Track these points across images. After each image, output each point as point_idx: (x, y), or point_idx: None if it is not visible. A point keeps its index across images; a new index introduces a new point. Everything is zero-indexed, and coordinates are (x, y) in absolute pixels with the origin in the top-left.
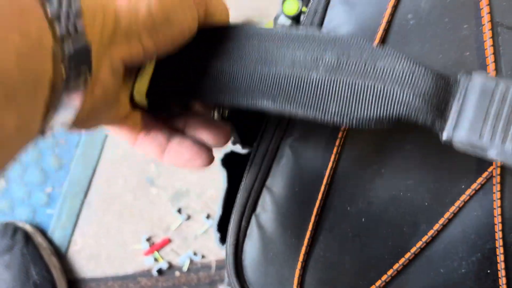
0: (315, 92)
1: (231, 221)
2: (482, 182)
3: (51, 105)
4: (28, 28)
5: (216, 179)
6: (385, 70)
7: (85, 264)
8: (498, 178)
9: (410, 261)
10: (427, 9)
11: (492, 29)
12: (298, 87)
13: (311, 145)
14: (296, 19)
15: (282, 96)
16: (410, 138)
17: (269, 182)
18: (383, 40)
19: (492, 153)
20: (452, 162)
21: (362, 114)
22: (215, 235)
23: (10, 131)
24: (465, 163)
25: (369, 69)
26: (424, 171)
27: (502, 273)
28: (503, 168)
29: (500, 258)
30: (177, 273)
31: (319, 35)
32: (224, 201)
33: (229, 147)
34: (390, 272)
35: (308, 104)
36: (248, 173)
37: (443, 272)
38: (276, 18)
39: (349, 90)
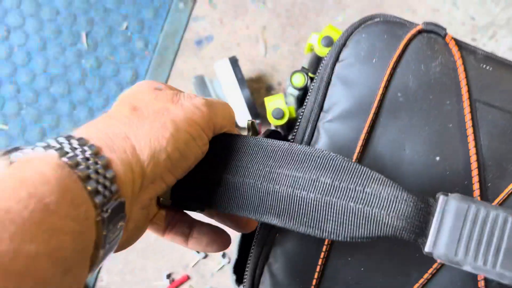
0: (312, 212)
1: (247, 269)
2: None
3: (95, 257)
4: (78, 212)
5: None
6: (373, 195)
7: None
8: None
9: None
10: (414, 88)
11: (471, 104)
12: (298, 207)
13: None
14: (303, 89)
15: (285, 214)
16: None
17: (279, 236)
18: (376, 115)
19: (467, 268)
20: None
21: (354, 233)
22: (231, 277)
23: None
24: None
25: (358, 193)
26: None
27: None
28: None
29: None
30: None
31: (316, 154)
32: (239, 246)
33: None
34: None
35: (308, 223)
36: (261, 228)
37: None
38: (285, 89)
39: (342, 212)
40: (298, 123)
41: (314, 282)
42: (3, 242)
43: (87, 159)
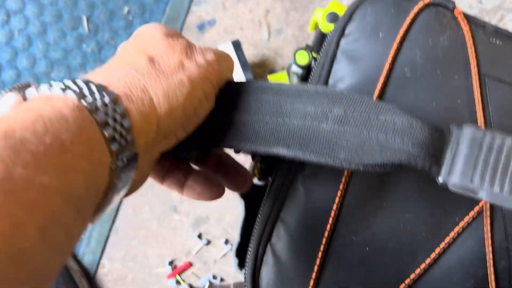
0: (325, 141)
1: (249, 249)
2: (474, 216)
3: (102, 204)
4: (93, 155)
5: (233, 206)
6: (386, 122)
7: (112, 286)
8: (488, 212)
9: (410, 287)
10: (421, 62)
11: (480, 79)
12: (310, 137)
13: (320, 182)
14: (307, 68)
15: (296, 144)
16: (408, 177)
17: (283, 214)
18: (382, 91)
19: (482, 195)
20: (446, 198)
21: (367, 160)
22: (234, 261)
23: (77, 236)
24: (458, 198)
25: (372, 121)
26: (421, 206)
27: None
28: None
29: (492, 284)
30: None
31: (327, 90)
32: (242, 229)
33: None
34: None
35: (319, 152)
36: (264, 206)
37: None
38: (289, 68)
39: (356, 139)
40: None
41: (318, 261)
42: (17, 170)
43: (105, 105)
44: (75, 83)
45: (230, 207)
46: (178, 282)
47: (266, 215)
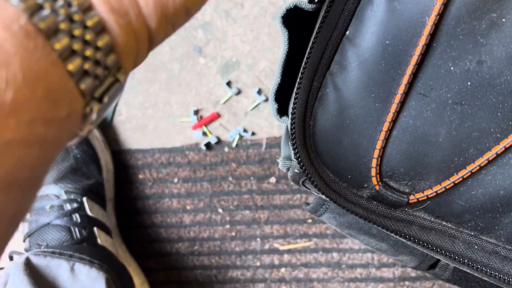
0: None
1: (300, 80)
2: None
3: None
4: (56, 112)
5: (269, 49)
6: None
7: (131, 135)
8: None
9: None
10: None
11: None
12: None
13: None
14: None
15: None
16: None
17: (351, 32)
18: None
19: None
20: None
21: None
22: (271, 106)
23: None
24: None
25: None
26: None
27: None
28: None
29: None
30: (226, 149)
31: None
32: (283, 66)
33: (293, 1)
34: (496, 149)
35: None
36: (324, 21)
37: None
38: None
39: None
40: None
41: (396, 99)
42: None
43: (71, 20)
44: None
45: (266, 51)
46: (204, 134)
47: (328, 33)
